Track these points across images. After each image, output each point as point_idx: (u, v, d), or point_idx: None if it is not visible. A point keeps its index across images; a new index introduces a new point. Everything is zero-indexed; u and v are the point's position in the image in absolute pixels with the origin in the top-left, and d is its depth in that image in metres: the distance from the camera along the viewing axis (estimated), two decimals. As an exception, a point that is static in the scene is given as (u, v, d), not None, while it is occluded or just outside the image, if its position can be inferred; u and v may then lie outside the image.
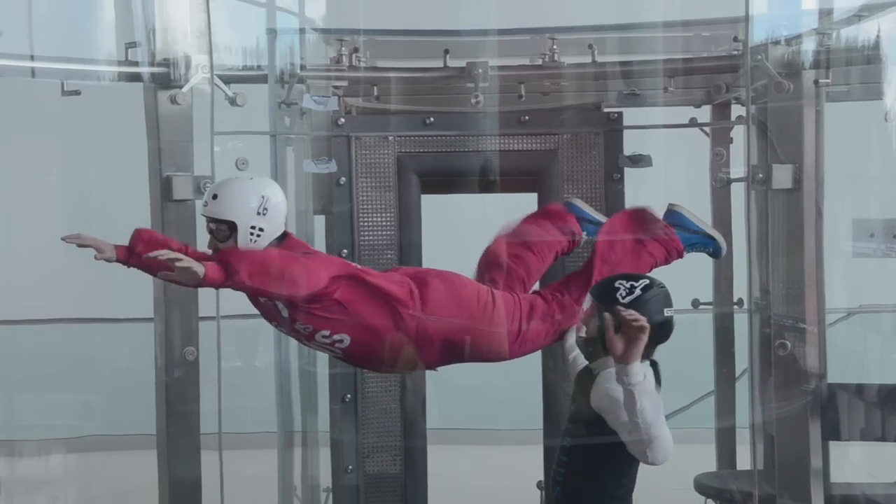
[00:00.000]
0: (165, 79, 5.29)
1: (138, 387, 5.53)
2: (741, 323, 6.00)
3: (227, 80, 5.44)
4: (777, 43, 5.34)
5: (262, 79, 5.71)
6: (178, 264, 4.06)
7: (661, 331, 4.22)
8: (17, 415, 5.67)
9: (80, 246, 4.46)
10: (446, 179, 5.37)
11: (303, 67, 5.74)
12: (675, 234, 4.90)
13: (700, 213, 5.71)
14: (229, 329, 5.42)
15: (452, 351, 4.59)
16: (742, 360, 6.02)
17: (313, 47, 5.87)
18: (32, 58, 5.15)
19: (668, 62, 5.77)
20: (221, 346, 5.35)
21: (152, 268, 4.36)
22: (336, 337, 4.48)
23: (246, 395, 5.99)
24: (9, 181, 5.54)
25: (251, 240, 4.48)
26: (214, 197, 4.47)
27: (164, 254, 4.10)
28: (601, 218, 4.96)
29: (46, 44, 5.01)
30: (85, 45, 4.84)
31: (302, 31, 5.97)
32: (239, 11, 5.83)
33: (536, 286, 4.89)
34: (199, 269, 4.08)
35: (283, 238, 4.59)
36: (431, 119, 5.40)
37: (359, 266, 4.70)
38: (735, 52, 5.57)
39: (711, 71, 5.80)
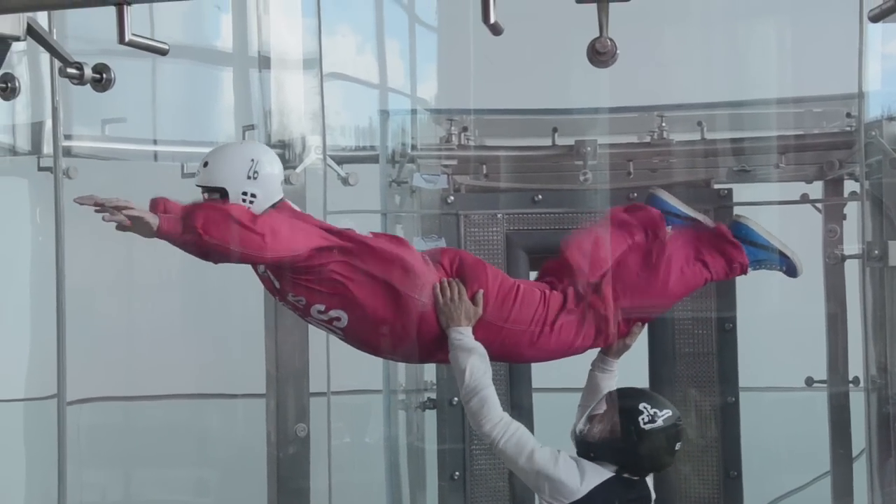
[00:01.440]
0: (281, 159, 5.44)
1: (251, 462, 5.59)
2: (857, 402, 5.85)
3: (340, 161, 5.58)
4: (892, 119, 5.34)
5: (374, 159, 5.80)
6: (127, 213, 3.81)
7: (667, 461, 4.28)
8: (133, 489, 5.77)
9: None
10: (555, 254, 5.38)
11: (413, 147, 5.82)
12: (741, 247, 4.63)
13: (813, 291, 5.71)
14: (339, 405, 5.50)
15: None
16: (859, 440, 5.86)
17: (424, 127, 5.95)
18: (155, 142, 5.32)
19: (780, 138, 5.75)
20: (332, 423, 5.43)
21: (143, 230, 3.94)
22: (333, 314, 4.28)
23: (355, 471, 6.05)
24: (132, 262, 5.68)
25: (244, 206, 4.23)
26: (205, 165, 4.25)
27: (112, 201, 3.80)
28: (687, 211, 4.79)
29: (168, 128, 5.14)
30: (205, 129, 4.97)
31: (413, 111, 6.06)
32: (352, 93, 5.94)
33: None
34: (152, 219, 3.87)
35: (277, 204, 4.33)
36: (540, 196, 5.43)
37: (372, 234, 4.43)
38: (848, 129, 5.53)
39: (824, 147, 5.74)
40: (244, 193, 4.18)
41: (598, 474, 4.15)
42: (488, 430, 4.12)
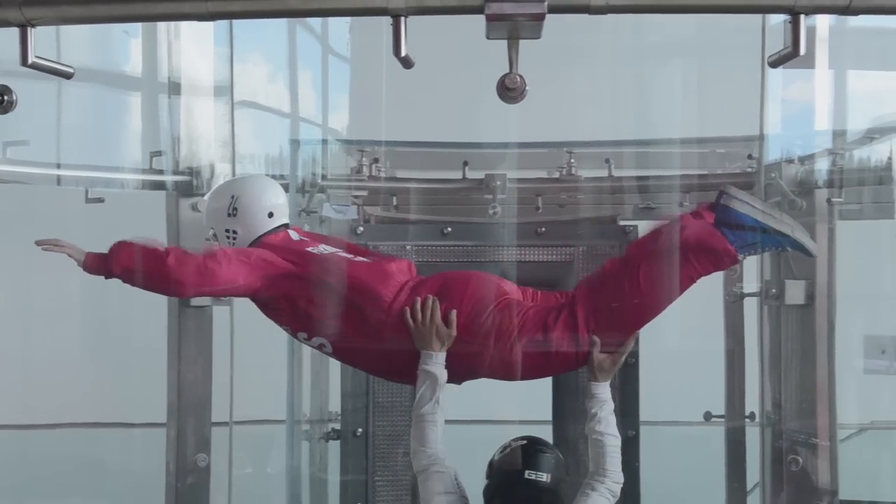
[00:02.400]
0: (188, 187, 5.44)
1: (149, 493, 5.55)
2: (753, 436, 5.96)
3: (250, 189, 5.56)
4: (791, 161, 5.45)
5: (284, 188, 5.71)
6: (57, 250, 4.04)
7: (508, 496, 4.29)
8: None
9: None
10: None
11: (324, 177, 5.82)
12: (719, 235, 4.13)
13: (713, 328, 5.82)
14: (242, 435, 5.49)
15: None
16: (754, 474, 5.97)
17: (335, 157, 5.94)
18: (59, 166, 5.25)
19: (684, 177, 5.82)
20: (233, 453, 5.42)
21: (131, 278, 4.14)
22: (315, 341, 4.32)
23: (257, 502, 6.03)
24: (30, 287, 5.62)
25: (229, 244, 4.36)
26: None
27: (49, 242, 4.07)
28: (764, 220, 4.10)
29: (73, 152, 5.09)
30: (111, 154, 4.93)
31: (324, 141, 6.04)
32: (263, 122, 5.93)
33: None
34: (78, 255, 4.07)
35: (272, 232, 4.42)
36: (449, 229, 5.44)
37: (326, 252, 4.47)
38: (749, 170, 5.63)
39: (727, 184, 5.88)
40: (227, 231, 4.37)
41: None
42: (413, 460, 4.22)
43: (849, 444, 5.58)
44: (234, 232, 4.36)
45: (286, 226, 4.52)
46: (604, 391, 4.33)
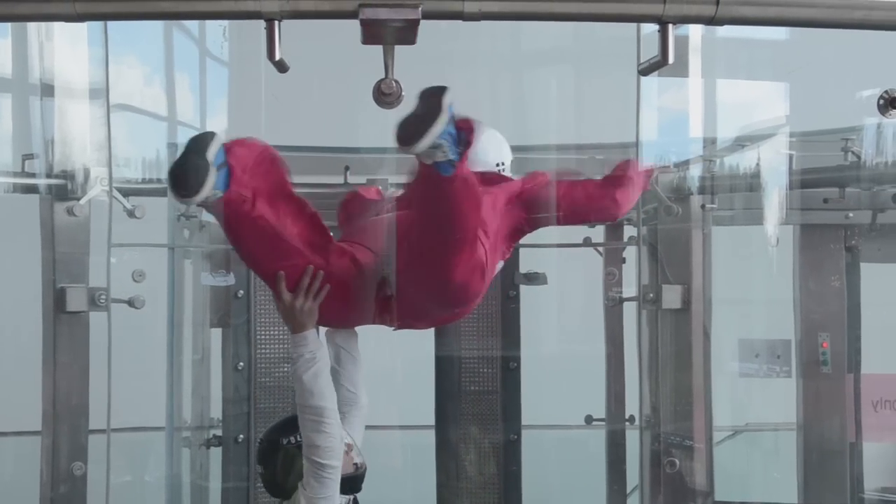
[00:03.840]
0: (63, 190, 5.32)
1: (24, 503, 5.49)
2: (633, 439, 6.02)
3: (126, 193, 5.47)
4: (666, 168, 5.54)
5: (162, 192, 5.64)
6: None
7: None
8: None
9: None
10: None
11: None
12: None
13: (593, 331, 5.90)
14: (120, 443, 5.42)
15: None
16: (633, 476, 6.03)
17: (214, 162, 5.90)
18: None
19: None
20: (111, 461, 5.35)
21: None
22: None
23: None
24: None
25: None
26: None
27: None
28: None
29: None
30: None
31: None
32: (140, 125, 5.83)
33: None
34: None
35: None
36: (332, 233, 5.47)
37: None
38: None
39: None
40: None
41: None
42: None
43: (724, 446, 5.68)
44: None
45: None
46: None
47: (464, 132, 3.49)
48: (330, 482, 3.92)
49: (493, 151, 4.39)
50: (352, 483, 4.27)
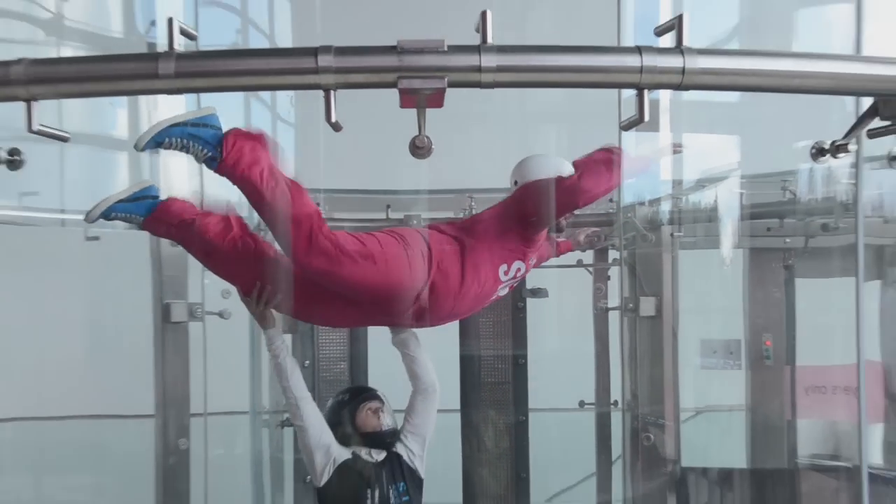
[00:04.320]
0: (167, 227, 5.37)
1: (141, 471, 5.47)
2: (616, 419, 6.00)
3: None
4: (643, 204, 5.49)
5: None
6: None
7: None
8: (44, 493, 5.59)
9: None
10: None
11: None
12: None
13: (584, 335, 5.84)
14: (214, 424, 5.42)
15: None
16: (617, 448, 6.02)
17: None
18: (63, 211, 5.15)
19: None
20: (208, 438, 5.35)
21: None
22: None
23: (227, 477, 5.94)
24: (43, 307, 5.52)
25: None
26: None
27: None
28: None
29: (73, 200, 5.00)
30: None
31: None
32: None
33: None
34: None
35: None
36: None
37: None
38: (611, 210, 5.66)
39: (594, 224, 5.80)
40: None
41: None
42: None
43: (688, 423, 5.60)
44: None
45: None
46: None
47: (210, 131, 3.51)
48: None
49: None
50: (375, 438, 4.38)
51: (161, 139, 3.51)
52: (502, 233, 4.19)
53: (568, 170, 4.32)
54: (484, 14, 2.15)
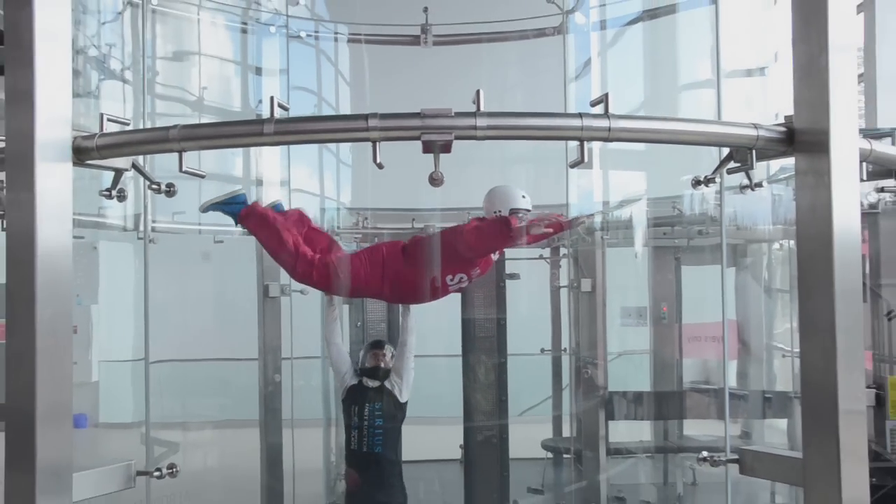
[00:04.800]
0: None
1: (251, 394, 5.47)
2: (566, 360, 5.99)
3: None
4: (586, 216, 5.47)
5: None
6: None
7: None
8: (188, 410, 5.58)
9: None
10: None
11: (338, 227, 5.76)
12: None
13: (541, 308, 5.88)
14: (298, 365, 5.44)
15: None
16: (566, 379, 6.02)
17: (344, 217, 5.91)
18: (199, 224, 5.16)
19: (529, 226, 5.87)
20: (294, 375, 5.36)
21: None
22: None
23: (307, 401, 5.91)
24: (187, 288, 5.51)
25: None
26: None
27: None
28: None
29: (206, 217, 4.97)
30: (227, 217, 4.79)
31: (338, 209, 5.99)
32: (305, 198, 5.69)
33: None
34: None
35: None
36: (406, 251, 5.45)
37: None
38: None
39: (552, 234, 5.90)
40: None
41: None
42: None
43: (613, 362, 5.58)
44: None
45: None
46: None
47: (234, 207, 4.02)
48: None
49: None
50: (371, 371, 4.52)
51: (206, 210, 4.12)
52: (454, 252, 4.21)
53: (515, 200, 4.34)
54: (478, 92, 2.18)
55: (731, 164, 2.43)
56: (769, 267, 5.65)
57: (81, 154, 2.21)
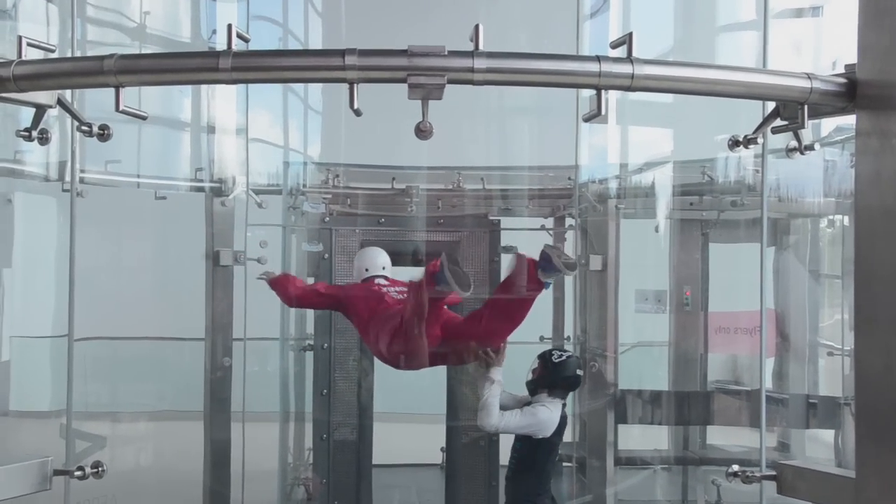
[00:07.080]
0: (219, 190, 5.36)
1: (195, 381, 5.49)
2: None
3: (257, 192, 5.49)
4: (594, 181, 5.49)
5: (278, 192, 5.73)
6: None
7: (573, 382, 4.53)
8: (118, 398, 5.60)
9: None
10: (393, 256, 5.36)
11: (304, 186, 5.77)
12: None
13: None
14: (251, 346, 5.44)
15: None
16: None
17: (311, 173, 5.88)
18: (138, 176, 5.17)
19: (529, 191, 5.88)
20: (246, 358, 5.37)
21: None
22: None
23: (260, 388, 5.95)
24: (120, 251, 5.51)
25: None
26: None
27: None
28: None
29: (148, 167, 5.01)
30: (172, 169, 4.82)
31: (305, 163, 5.98)
32: (267, 151, 5.81)
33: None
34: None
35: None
36: (383, 219, 5.44)
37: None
38: (569, 186, 5.65)
39: (555, 197, 5.90)
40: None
41: (556, 405, 4.43)
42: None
43: (626, 355, 5.62)
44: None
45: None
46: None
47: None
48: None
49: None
50: None
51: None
52: None
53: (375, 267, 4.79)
54: (476, 27, 2.15)
55: (777, 122, 2.41)
56: (816, 247, 5.66)
57: (-6, 85, 2.16)
